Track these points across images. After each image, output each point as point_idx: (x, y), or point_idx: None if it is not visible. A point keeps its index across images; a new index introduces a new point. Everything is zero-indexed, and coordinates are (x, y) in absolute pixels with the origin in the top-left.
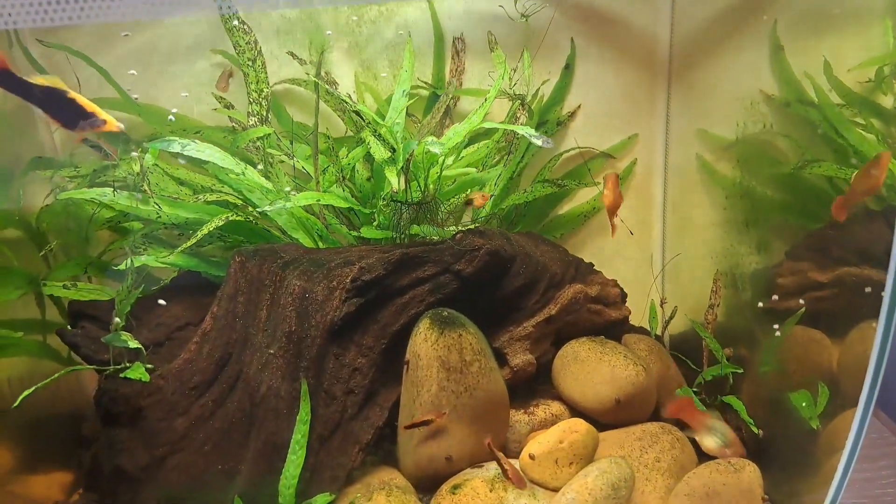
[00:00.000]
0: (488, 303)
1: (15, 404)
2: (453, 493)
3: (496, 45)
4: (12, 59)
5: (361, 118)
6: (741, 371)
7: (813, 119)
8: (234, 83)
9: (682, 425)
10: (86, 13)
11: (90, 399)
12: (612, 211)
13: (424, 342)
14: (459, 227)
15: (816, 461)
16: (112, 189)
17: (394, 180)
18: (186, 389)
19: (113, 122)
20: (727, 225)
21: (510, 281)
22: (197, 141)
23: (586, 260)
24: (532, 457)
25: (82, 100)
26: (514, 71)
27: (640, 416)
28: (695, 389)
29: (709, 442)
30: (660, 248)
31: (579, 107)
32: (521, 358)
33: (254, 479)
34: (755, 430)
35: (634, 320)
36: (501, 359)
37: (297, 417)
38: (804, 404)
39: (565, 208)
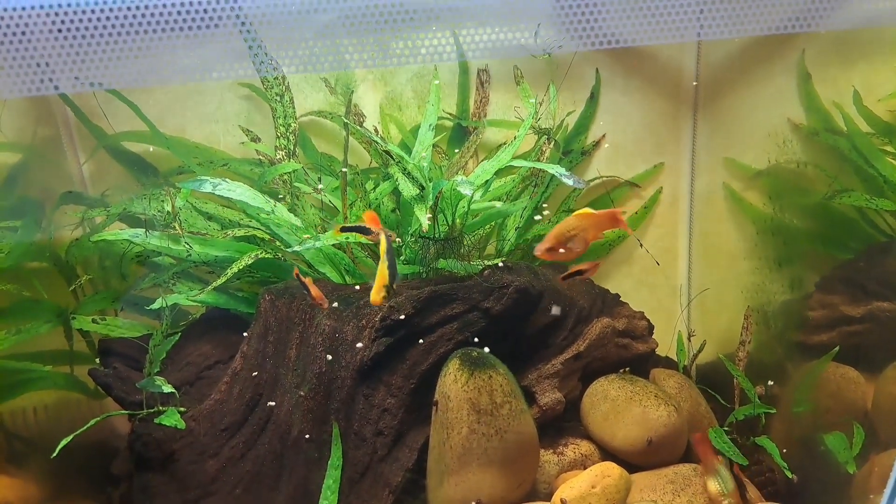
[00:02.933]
0: (516, 339)
1: (53, 454)
2: None
3: (522, 79)
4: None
5: (390, 157)
6: (774, 411)
7: (841, 148)
8: (260, 115)
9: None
10: (124, 79)
11: (116, 432)
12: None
13: (454, 383)
14: (486, 262)
15: (853, 500)
16: (144, 230)
17: (423, 219)
18: (217, 431)
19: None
20: (758, 261)
21: (538, 317)
22: (228, 180)
23: (611, 290)
24: (563, 502)
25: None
26: (541, 104)
27: (672, 457)
28: (726, 429)
29: (711, 486)
30: (686, 278)
31: (604, 136)
32: (549, 396)
33: None
34: (789, 474)
35: (660, 350)
36: (529, 397)
37: (329, 462)
38: (839, 447)
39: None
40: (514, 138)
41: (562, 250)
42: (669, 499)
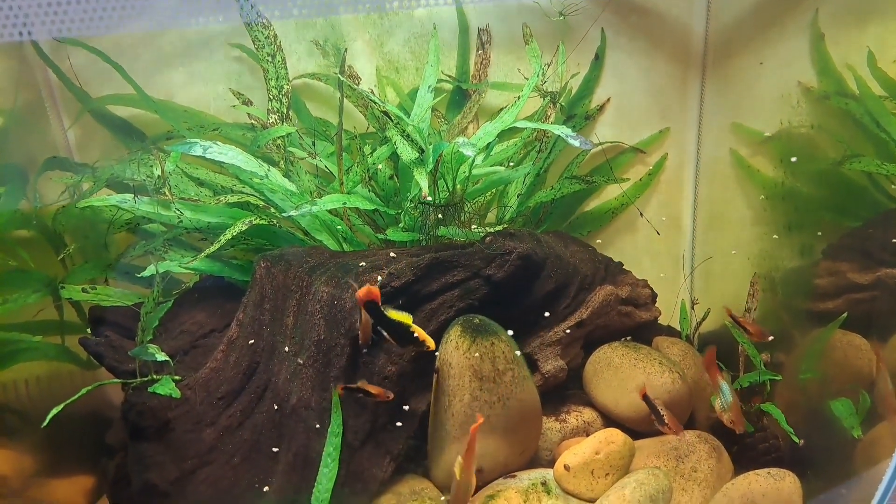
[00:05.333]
0: (518, 307)
1: (44, 424)
2: None
3: (531, 38)
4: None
5: (388, 117)
6: (779, 378)
7: (853, 112)
8: (252, 78)
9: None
10: (105, 24)
11: (110, 402)
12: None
13: (456, 350)
14: (488, 229)
15: (856, 470)
16: (133, 196)
17: (423, 184)
18: (214, 399)
19: (431, 343)
20: (766, 226)
21: (541, 285)
22: (219, 143)
23: (614, 258)
24: (567, 468)
25: (419, 331)
26: (549, 65)
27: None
28: None
29: (715, 403)
30: (689, 246)
31: (609, 100)
32: (552, 364)
33: (286, 492)
34: (795, 439)
35: (662, 319)
36: (532, 365)
37: (329, 429)
38: (846, 413)
39: (592, 205)
40: (519, 98)
41: None
42: (673, 465)
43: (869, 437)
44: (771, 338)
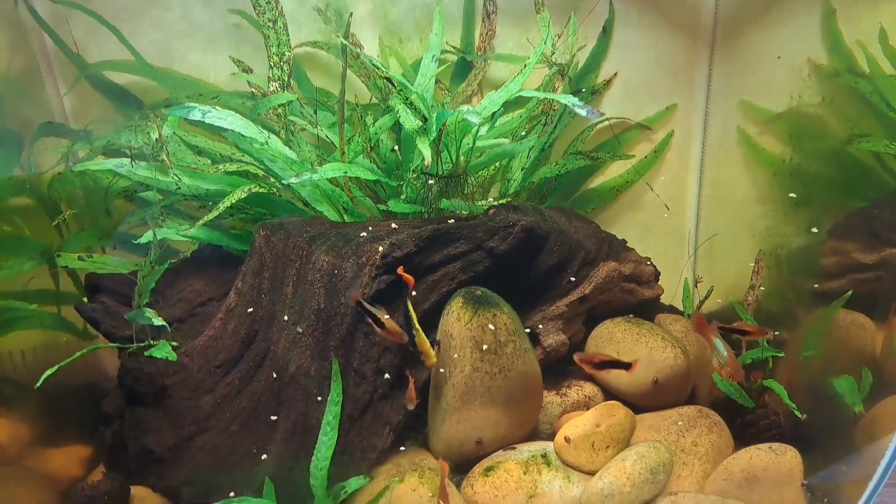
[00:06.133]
0: (521, 281)
1: (37, 385)
2: (486, 476)
3: (542, 7)
4: (18, 18)
5: (391, 84)
6: (782, 355)
7: (863, 91)
8: (253, 46)
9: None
10: None
11: (107, 372)
12: None
13: (457, 321)
14: (491, 202)
15: (856, 447)
16: (130, 160)
17: (426, 153)
18: (212, 367)
19: (431, 357)
20: (773, 202)
21: (544, 259)
22: (218, 108)
23: (618, 236)
24: (567, 440)
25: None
26: (559, 36)
27: (677, 399)
28: None
29: (714, 360)
30: (694, 225)
31: (615, 75)
32: (553, 338)
33: (284, 460)
34: (798, 414)
35: (666, 299)
36: (534, 338)
37: (329, 398)
38: (848, 390)
39: (597, 182)
40: (525, 66)
41: None
42: (674, 439)
43: (870, 414)
44: (773, 333)
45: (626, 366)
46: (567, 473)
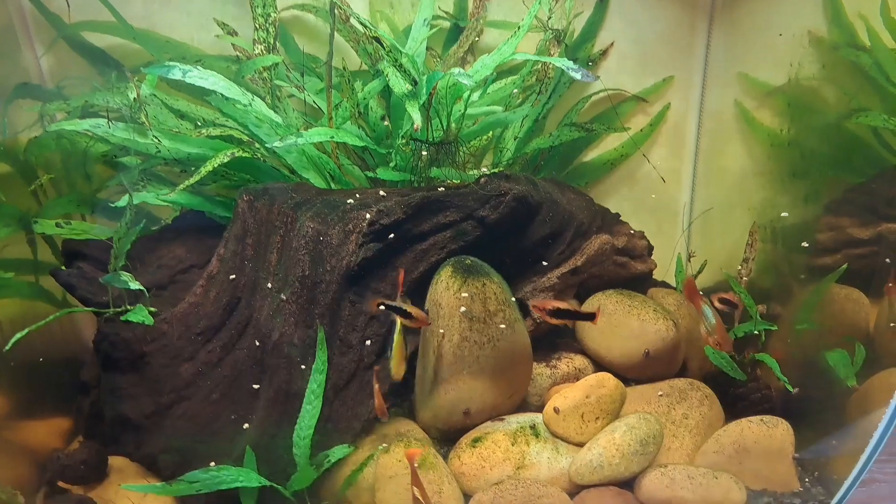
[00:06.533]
0: (512, 252)
1: (6, 348)
2: (474, 447)
3: None
4: None
5: (381, 45)
6: (775, 328)
7: (863, 64)
8: (238, 7)
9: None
10: None
11: (87, 344)
12: None
13: (446, 291)
14: (483, 171)
15: (848, 421)
16: (107, 120)
17: (416, 115)
18: (192, 335)
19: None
20: (769, 175)
21: (536, 229)
22: (199, 68)
23: (612, 210)
24: (556, 410)
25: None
26: (556, 1)
27: (668, 371)
28: None
29: (701, 328)
30: (689, 199)
31: (612, 44)
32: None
33: (266, 429)
34: (790, 388)
35: (659, 275)
36: (524, 310)
37: (313, 366)
38: (840, 364)
39: (591, 155)
40: (518, 28)
41: None
42: (665, 411)
43: (863, 388)
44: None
45: (589, 316)
46: (556, 445)
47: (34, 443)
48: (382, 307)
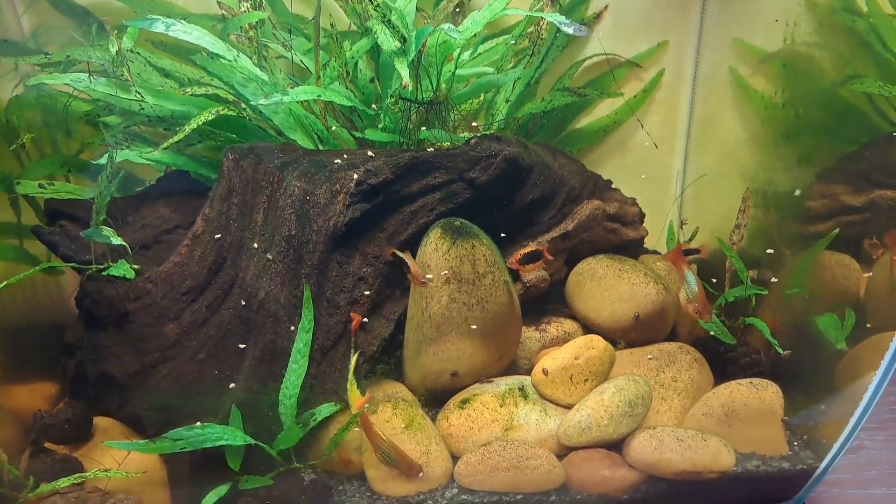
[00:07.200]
0: (502, 215)
1: None
2: (462, 408)
3: None
4: None
5: (370, 1)
6: (766, 293)
7: (859, 30)
8: None
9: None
10: None
11: (74, 310)
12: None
13: (435, 252)
14: (474, 134)
15: (837, 386)
16: (88, 74)
17: (404, 72)
18: (177, 294)
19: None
20: (762, 139)
21: (526, 192)
22: (183, 22)
23: (604, 178)
24: (545, 372)
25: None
26: None
27: (658, 335)
28: (715, 311)
29: (681, 294)
30: (682, 167)
31: (606, 7)
32: (534, 274)
33: (252, 388)
34: (780, 350)
35: (651, 244)
36: (514, 274)
37: (299, 325)
38: (831, 327)
39: (584, 122)
40: None
41: None
42: (654, 374)
43: (852, 353)
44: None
45: (539, 254)
46: (544, 406)
47: (21, 407)
48: (394, 256)
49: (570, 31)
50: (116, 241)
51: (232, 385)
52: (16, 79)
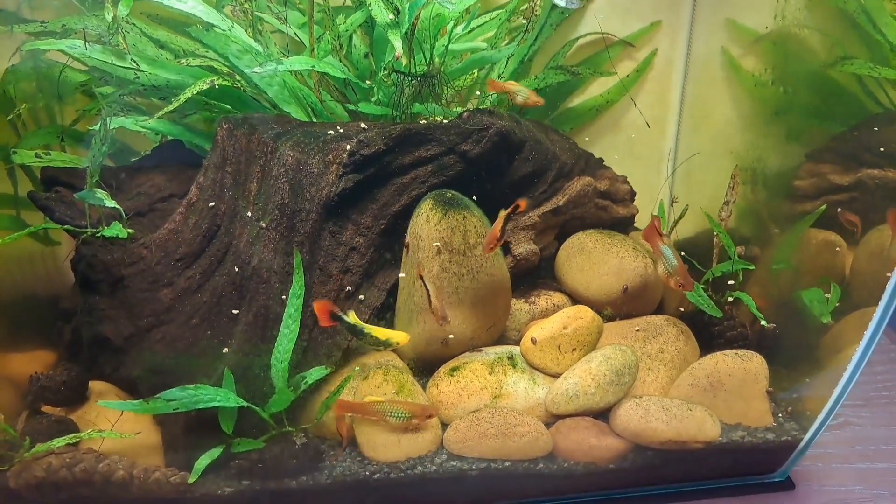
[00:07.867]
0: (494, 188)
1: None
2: (451, 376)
3: None
4: None
5: None
6: (752, 268)
7: (850, 10)
8: None
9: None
10: None
11: (69, 282)
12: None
13: (426, 223)
14: (467, 108)
15: (822, 360)
16: (83, 41)
17: (397, 44)
18: (172, 260)
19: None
20: (752, 116)
21: (518, 167)
22: None
23: (596, 156)
24: (534, 341)
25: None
26: None
27: (645, 308)
28: (703, 286)
29: (659, 267)
30: (674, 146)
31: None
32: (524, 247)
33: (244, 352)
34: (765, 323)
35: (642, 223)
36: (504, 247)
37: (290, 291)
38: (815, 301)
39: (576, 101)
40: None
41: None
42: (641, 345)
43: (837, 328)
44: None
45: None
46: (532, 375)
47: (19, 374)
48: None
49: (561, 3)
50: (110, 203)
51: (225, 350)
52: (11, 48)
